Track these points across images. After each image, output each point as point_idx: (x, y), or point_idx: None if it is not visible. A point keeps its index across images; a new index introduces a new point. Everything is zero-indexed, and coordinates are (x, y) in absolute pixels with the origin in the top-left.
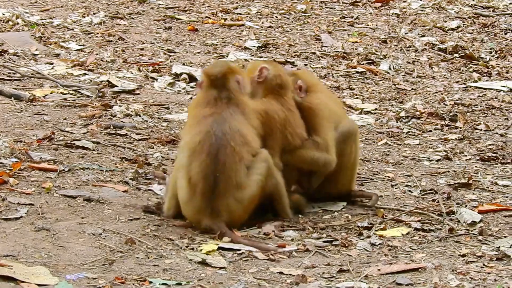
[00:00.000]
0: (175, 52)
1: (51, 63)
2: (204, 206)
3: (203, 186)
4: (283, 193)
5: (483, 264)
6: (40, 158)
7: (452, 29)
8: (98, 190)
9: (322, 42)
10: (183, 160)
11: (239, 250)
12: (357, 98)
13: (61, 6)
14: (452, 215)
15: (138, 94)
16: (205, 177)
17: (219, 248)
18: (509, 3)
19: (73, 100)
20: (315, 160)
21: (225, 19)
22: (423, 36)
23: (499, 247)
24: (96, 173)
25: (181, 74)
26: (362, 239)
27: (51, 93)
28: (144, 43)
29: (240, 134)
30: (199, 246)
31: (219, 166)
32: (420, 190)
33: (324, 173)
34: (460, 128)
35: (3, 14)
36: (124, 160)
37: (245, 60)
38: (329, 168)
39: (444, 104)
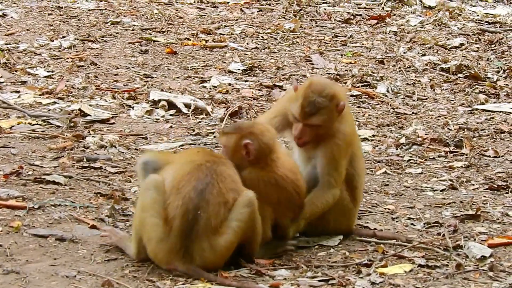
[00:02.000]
0: (152, 77)
1: (18, 91)
2: (178, 246)
3: (180, 223)
4: (257, 240)
5: None
6: (8, 194)
7: (456, 47)
8: (71, 229)
9: (313, 64)
10: (153, 196)
11: None
12: None
13: (27, 30)
14: (459, 250)
15: (113, 123)
16: (185, 213)
17: None
18: None
19: (42, 131)
20: (328, 203)
21: (207, 41)
22: (424, 55)
23: None
24: (69, 210)
25: (159, 101)
26: (361, 278)
27: (18, 124)
28: (118, 68)
29: (233, 180)
30: None
31: (203, 203)
32: (424, 223)
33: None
34: (466, 155)
35: None
36: (99, 195)
37: (229, 84)
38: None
39: (448, 128)
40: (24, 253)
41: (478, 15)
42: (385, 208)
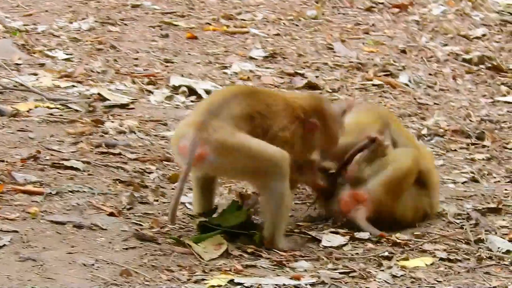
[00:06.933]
0: (172, 62)
1: (36, 74)
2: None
3: None
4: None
5: None
6: (25, 179)
7: (478, 38)
8: (89, 216)
9: (334, 52)
10: None
11: (250, 285)
12: None
13: (46, 11)
14: (480, 244)
15: (133, 108)
16: None
17: (230, 281)
18: None
19: (61, 115)
20: None
21: (228, 26)
22: (446, 45)
23: None
24: (87, 196)
25: (179, 86)
26: (382, 270)
27: (36, 107)
28: (138, 52)
29: None
30: (203, 280)
31: None
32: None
33: None
34: (488, 147)
35: None
36: (117, 182)
37: (250, 71)
38: None
39: (470, 120)
40: (41, 240)
41: (500, 6)
42: None
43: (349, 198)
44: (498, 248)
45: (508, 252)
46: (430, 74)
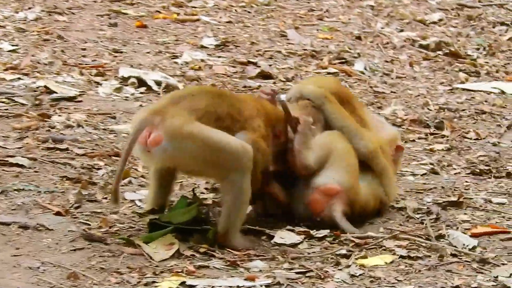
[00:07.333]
0: (121, 52)
1: None
2: None
3: None
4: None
5: None
6: None
7: (434, 23)
8: (35, 216)
9: (288, 39)
10: None
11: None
12: None
13: None
14: (442, 240)
15: (81, 101)
16: None
17: (182, 283)
18: None
19: (6, 110)
20: None
21: (178, 14)
22: (402, 31)
23: (497, 276)
24: (33, 195)
25: (129, 77)
26: (340, 270)
27: None
28: (86, 42)
29: None
30: (153, 283)
31: None
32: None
33: None
34: (447, 137)
35: None
36: (65, 179)
37: (202, 60)
38: None
39: (428, 109)
40: None
41: None
42: None
43: (320, 195)
44: (461, 245)
45: (473, 248)
46: (386, 61)
